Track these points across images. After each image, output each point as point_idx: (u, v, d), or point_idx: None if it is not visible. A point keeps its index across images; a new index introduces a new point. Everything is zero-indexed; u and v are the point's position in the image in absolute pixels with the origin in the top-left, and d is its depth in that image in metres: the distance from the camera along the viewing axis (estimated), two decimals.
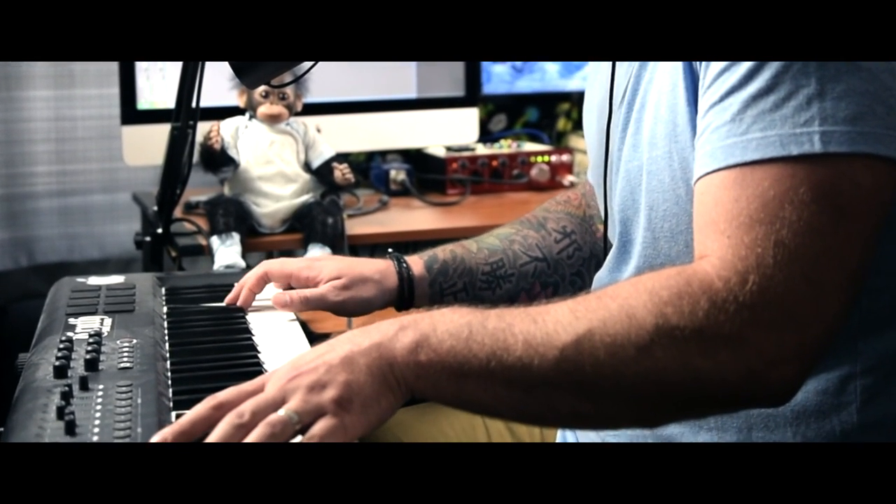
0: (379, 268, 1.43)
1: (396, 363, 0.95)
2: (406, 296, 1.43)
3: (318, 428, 0.92)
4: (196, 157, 1.90)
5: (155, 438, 0.93)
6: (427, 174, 2.42)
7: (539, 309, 0.96)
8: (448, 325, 0.96)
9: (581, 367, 0.93)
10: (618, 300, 0.94)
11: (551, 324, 0.94)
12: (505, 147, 2.49)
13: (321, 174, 2.07)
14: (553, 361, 0.93)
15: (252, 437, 0.91)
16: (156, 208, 1.92)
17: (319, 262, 1.44)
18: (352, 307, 1.41)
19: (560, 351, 0.93)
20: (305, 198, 2.04)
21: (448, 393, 0.96)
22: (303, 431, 0.93)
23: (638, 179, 1.13)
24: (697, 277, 0.94)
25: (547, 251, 1.48)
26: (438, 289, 1.45)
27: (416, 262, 1.45)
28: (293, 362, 0.97)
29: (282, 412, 0.93)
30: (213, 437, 0.92)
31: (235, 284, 1.43)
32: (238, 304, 1.41)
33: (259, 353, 1.25)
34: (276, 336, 1.33)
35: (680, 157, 1.07)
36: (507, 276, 1.47)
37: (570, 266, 1.49)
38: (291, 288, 1.42)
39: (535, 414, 0.98)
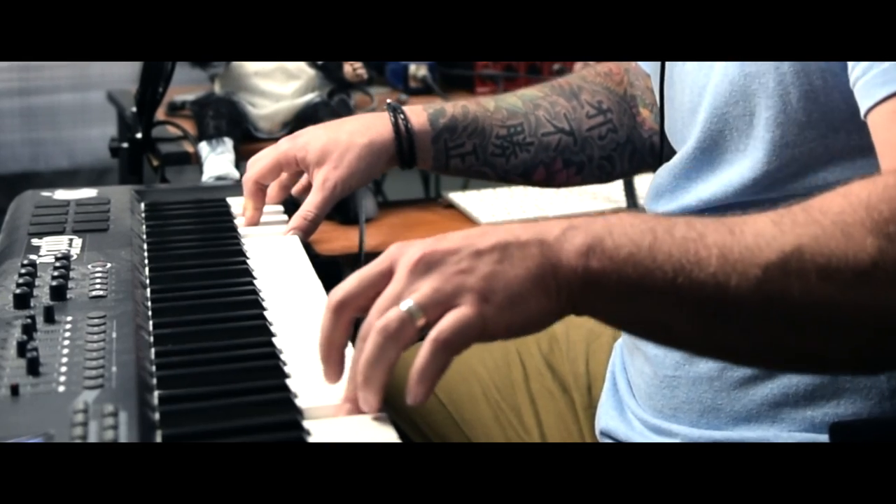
0: (367, 125, 1.45)
1: (561, 266, 0.90)
2: (405, 151, 1.45)
3: (450, 319, 0.89)
4: None
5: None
6: (452, 69, 2.40)
7: (735, 219, 0.93)
8: (626, 229, 0.91)
9: (788, 290, 0.89)
10: (829, 215, 0.90)
11: (751, 236, 0.90)
12: None
13: (328, 69, 2.05)
14: (754, 282, 0.89)
15: (364, 353, 0.91)
16: (134, 109, 1.91)
17: (302, 137, 1.46)
18: (355, 183, 1.44)
19: (763, 270, 0.89)
20: (310, 97, 2.03)
21: (620, 310, 0.92)
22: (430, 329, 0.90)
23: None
24: None
25: (576, 125, 1.48)
26: (443, 146, 1.46)
27: (419, 114, 1.46)
28: (433, 239, 0.93)
29: (402, 306, 0.90)
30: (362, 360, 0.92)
31: (242, 207, 1.47)
32: (246, 225, 1.44)
33: (255, 278, 1.24)
34: (274, 258, 1.32)
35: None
36: (524, 144, 1.47)
37: (601, 148, 1.48)
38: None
39: (725, 344, 0.95)
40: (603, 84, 1.50)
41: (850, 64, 1.01)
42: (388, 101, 1.49)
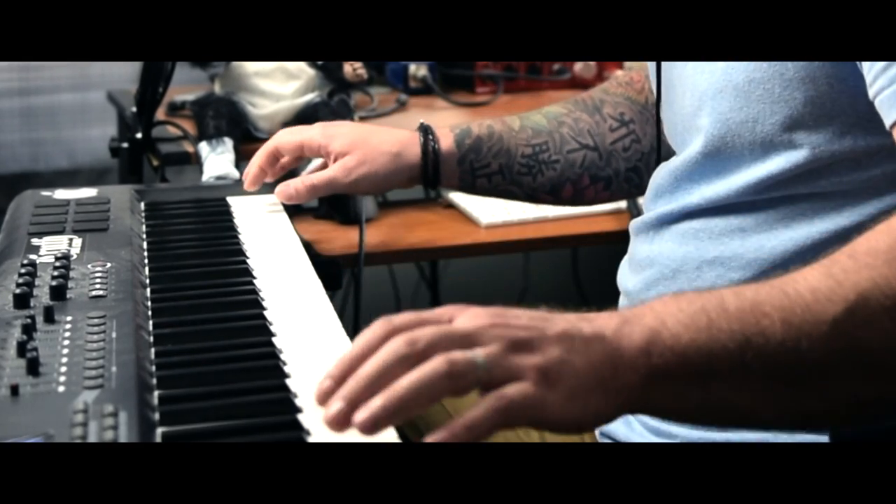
0: (399, 139, 1.47)
1: (622, 365, 0.86)
2: (430, 173, 1.47)
3: (515, 389, 0.83)
4: None
5: (324, 384, 0.85)
6: (452, 69, 2.40)
7: (784, 280, 0.90)
8: (679, 315, 0.88)
9: (860, 341, 0.87)
10: (880, 255, 0.88)
11: (808, 294, 0.88)
12: None
13: (328, 69, 2.05)
14: (825, 341, 0.86)
15: (418, 373, 0.82)
16: (134, 109, 1.90)
17: (333, 127, 1.49)
18: (366, 186, 1.46)
19: (831, 327, 0.86)
20: (310, 97, 2.02)
21: (690, 401, 0.88)
22: (487, 388, 0.84)
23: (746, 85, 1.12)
24: None
25: (600, 139, 1.49)
26: (469, 167, 1.48)
27: (446, 136, 1.48)
28: (496, 309, 0.88)
29: (469, 353, 0.84)
30: (370, 366, 0.84)
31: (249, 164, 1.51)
32: (246, 186, 1.49)
33: (255, 279, 1.24)
34: (274, 259, 1.32)
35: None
36: (550, 162, 1.48)
37: (626, 160, 1.49)
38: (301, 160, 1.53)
39: (808, 411, 0.91)
40: (624, 94, 1.51)
41: (869, 75, 1.00)
42: (421, 121, 1.51)
